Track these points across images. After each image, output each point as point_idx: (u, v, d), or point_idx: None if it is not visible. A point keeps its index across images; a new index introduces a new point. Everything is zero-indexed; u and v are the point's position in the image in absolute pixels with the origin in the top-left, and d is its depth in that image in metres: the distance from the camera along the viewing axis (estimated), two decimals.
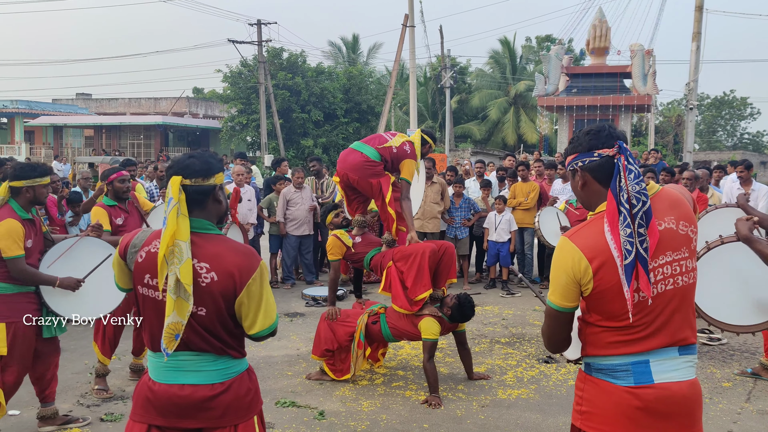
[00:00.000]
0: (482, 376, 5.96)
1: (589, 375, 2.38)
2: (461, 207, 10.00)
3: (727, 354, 6.84)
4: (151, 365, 2.59)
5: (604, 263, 2.24)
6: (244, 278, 2.45)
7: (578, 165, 2.41)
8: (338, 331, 5.80)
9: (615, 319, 2.28)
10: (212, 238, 2.53)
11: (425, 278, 5.48)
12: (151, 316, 2.56)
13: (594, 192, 2.42)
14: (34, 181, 4.45)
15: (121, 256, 2.64)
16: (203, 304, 2.44)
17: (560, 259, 2.31)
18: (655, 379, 2.25)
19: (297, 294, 9.43)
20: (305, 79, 31.52)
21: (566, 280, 2.28)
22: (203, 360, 2.51)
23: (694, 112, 21.94)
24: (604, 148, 2.33)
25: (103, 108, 45.59)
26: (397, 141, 6.02)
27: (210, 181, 2.55)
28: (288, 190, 9.96)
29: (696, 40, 20.61)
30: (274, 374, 6.02)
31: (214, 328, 2.47)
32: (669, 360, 2.28)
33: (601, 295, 2.27)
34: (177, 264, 2.39)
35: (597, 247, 2.26)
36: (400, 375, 6.06)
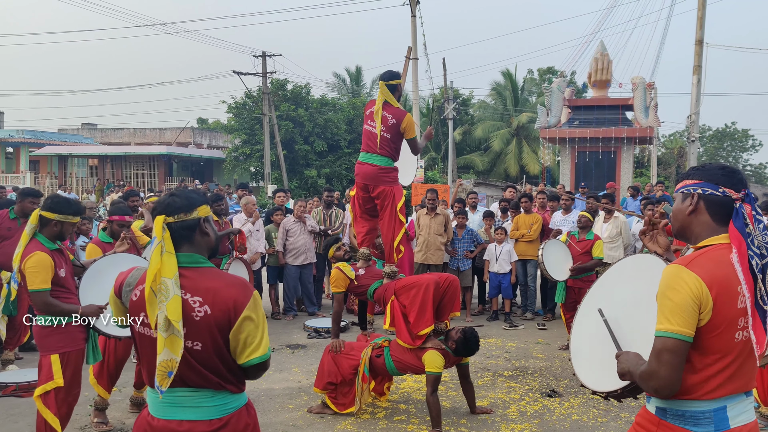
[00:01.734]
0: (485, 411, 5.91)
1: (663, 420, 2.32)
2: (464, 238, 10.00)
3: None
4: (150, 400, 2.59)
5: (721, 295, 2.20)
6: (239, 309, 2.45)
7: (697, 191, 2.38)
8: (342, 364, 5.77)
9: (716, 355, 2.23)
10: (204, 272, 2.55)
11: (428, 313, 5.46)
12: (147, 353, 2.56)
13: (701, 222, 2.39)
14: (65, 217, 4.52)
15: (117, 294, 2.66)
16: (198, 339, 2.45)
17: (680, 285, 2.20)
18: (731, 424, 2.25)
19: (299, 325, 9.39)
20: (309, 110, 31.80)
21: (690, 305, 2.18)
22: (201, 396, 2.51)
23: (696, 144, 22.05)
24: (732, 189, 2.33)
25: (108, 138, 45.93)
26: (379, 120, 6.15)
27: (193, 215, 2.59)
28: (288, 221, 9.98)
29: (697, 73, 20.79)
30: (275, 407, 5.97)
31: (211, 362, 2.47)
32: (740, 404, 2.30)
33: (714, 328, 2.21)
34: (164, 301, 2.41)
35: (715, 277, 2.22)
36: (402, 409, 6.01)
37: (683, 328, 2.18)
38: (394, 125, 6.15)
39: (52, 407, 4.35)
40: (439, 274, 5.95)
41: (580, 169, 24.61)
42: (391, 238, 6.36)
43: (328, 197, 10.74)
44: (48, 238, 4.49)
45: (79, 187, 36.31)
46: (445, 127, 35.93)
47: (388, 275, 6.06)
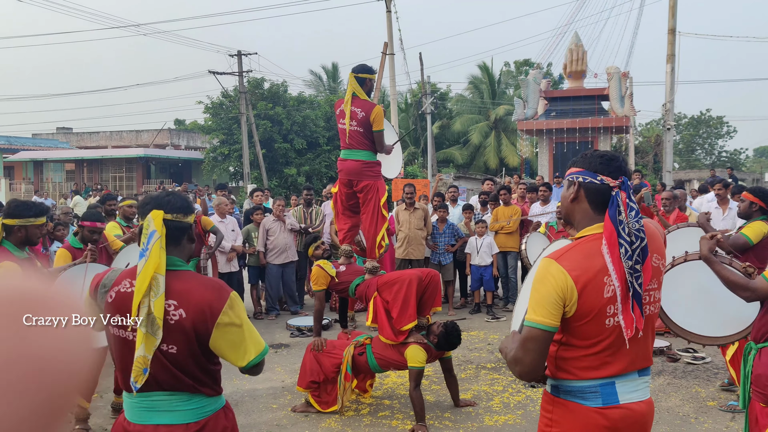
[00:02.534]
0: (468, 403, 5.93)
1: (557, 397, 2.43)
2: (445, 233, 10.03)
3: (711, 372, 6.86)
4: (126, 405, 2.58)
5: (587, 286, 2.29)
6: (216, 312, 2.44)
7: (578, 179, 2.45)
8: (324, 362, 5.76)
9: (588, 342, 2.34)
10: (181, 275, 2.53)
11: (410, 309, 5.46)
12: (122, 356, 2.54)
13: (582, 210, 2.47)
14: (27, 220, 4.35)
15: (92, 295, 2.64)
16: (173, 342, 2.43)
17: (547, 279, 2.31)
18: (620, 399, 2.35)
19: (281, 325, 9.37)
20: (287, 108, 31.64)
21: (555, 298, 2.29)
22: (177, 399, 2.50)
23: (671, 132, 22.27)
24: (609, 177, 2.38)
25: (84, 142, 45.43)
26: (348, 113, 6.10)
27: (188, 219, 2.61)
28: (267, 220, 9.95)
29: (670, 61, 20.99)
30: (258, 407, 5.96)
31: (186, 365, 2.46)
32: (631, 381, 2.38)
33: (581, 317, 2.31)
34: (153, 297, 2.40)
35: (583, 269, 2.31)
36: (386, 404, 6.02)
37: (546, 319, 2.29)
38: (363, 118, 6.08)
39: None
40: (422, 270, 5.95)
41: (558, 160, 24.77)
42: (374, 233, 6.33)
43: (307, 195, 10.72)
44: (16, 246, 4.35)
45: (56, 192, 35.87)
46: (424, 122, 35.99)
47: (369, 271, 6.04)
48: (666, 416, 5.56)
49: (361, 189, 6.28)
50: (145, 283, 2.41)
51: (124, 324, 2.48)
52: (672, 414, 5.62)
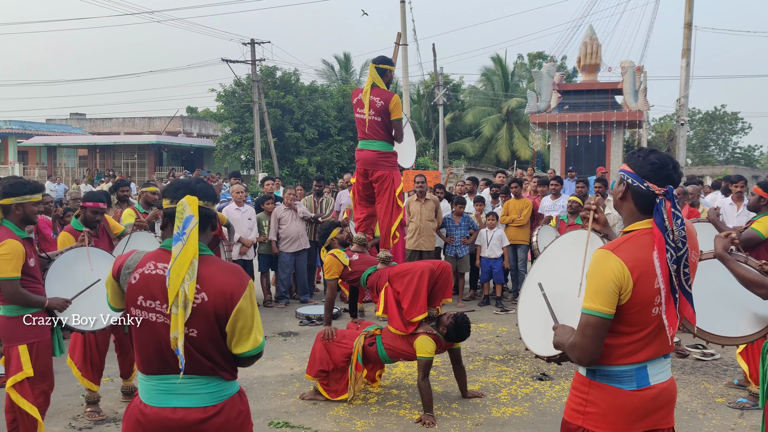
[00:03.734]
0: (476, 395, 5.95)
1: (594, 380, 2.59)
2: (461, 225, 10.02)
3: (720, 369, 6.85)
4: (142, 388, 2.58)
5: (641, 276, 2.46)
6: (236, 297, 2.48)
7: (627, 180, 2.61)
8: (334, 351, 5.79)
9: (635, 328, 2.50)
10: (204, 259, 2.55)
11: (421, 300, 5.47)
12: (144, 338, 2.55)
13: (627, 208, 2.64)
14: (23, 197, 4.29)
15: (114, 277, 2.65)
16: (194, 326, 2.46)
17: (605, 269, 2.46)
18: (650, 381, 2.55)
19: (291, 313, 9.41)
20: (298, 97, 31.63)
21: (612, 287, 2.44)
22: (195, 383, 2.52)
23: (685, 127, 22.11)
24: (655, 184, 2.53)
25: (97, 128, 45.59)
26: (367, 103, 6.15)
27: (215, 207, 2.68)
28: (279, 209, 9.98)
29: (686, 56, 20.81)
30: (267, 394, 6.00)
31: (205, 348, 2.49)
32: (659, 364, 2.59)
33: (633, 305, 2.47)
34: (188, 281, 2.44)
35: (637, 261, 2.47)
36: (395, 394, 6.05)
37: (604, 307, 2.45)
38: (382, 107, 6.14)
39: (28, 396, 4.28)
40: (434, 262, 5.95)
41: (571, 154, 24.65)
42: (388, 223, 6.36)
43: (318, 186, 10.76)
44: (16, 225, 4.31)
45: (69, 178, 36.07)
46: (436, 114, 35.90)
47: (382, 260, 6.06)
48: (675, 411, 5.54)
49: (376, 179, 6.31)
50: (184, 268, 2.44)
51: (153, 307, 2.51)
52: (680, 410, 5.60)
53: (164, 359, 2.52)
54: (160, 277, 2.51)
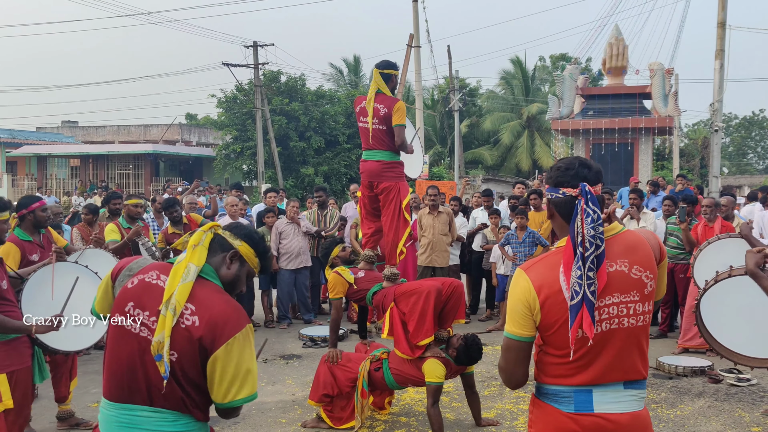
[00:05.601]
0: (491, 422, 5.91)
1: (537, 399, 2.63)
2: (525, 241, 9.56)
3: (757, 395, 6.78)
4: (102, 418, 2.50)
5: (549, 297, 2.46)
6: (228, 333, 2.37)
7: (548, 195, 2.64)
8: (339, 375, 5.78)
9: (559, 350, 2.50)
10: (207, 284, 2.52)
11: (428, 323, 5.43)
12: (117, 353, 2.48)
13: (558, 225, 2.66)
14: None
15: (113, 277, 2.65)
16: (176, 348, 2.36)
17: (515, 290, 2.53)
18: (595, 408, 2.49)
19: (293, 334, 9.41)
20: (304, 103, 31.78)
21: (522, 309, 2.49)
22: (162, 418, 2.42)
23: (719, 134, 22.00)
24: (569, 187, 2.54)
25: (90, 136, 45.99)
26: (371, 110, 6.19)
27: (235, 242, 2.63)
28: (280, 223, 10.00)
29: (719, 57, 20.75)
30: (267, 422, 6.00)
31: (182, 376, 2.39)
32: (612, 392, 2.51)
33: (547, 327, 2.49)
34: (182, 281, 2.43)
35: (545, 281, 2.49)
36: (403, 422, 6.03)
37: (516, 329, 2.51)
38: (386, 114, 6.14)
39: (3, 430, 4.23)
40: (443, 280, 5.91)
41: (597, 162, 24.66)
42: (394, 237, 6.34)
43: (320, 197, 10.77)
44: None
45: (60, 189, 36.41)
46: (451, 120, 35.95)
47: (387, 278, 6.04)
48: None
49: (381, 191, 6.31)
50: (181, 269, 2.46)
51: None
52: None
53: (135, 384, 2.42)
54: (159, 288, 2.46)
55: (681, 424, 5.94)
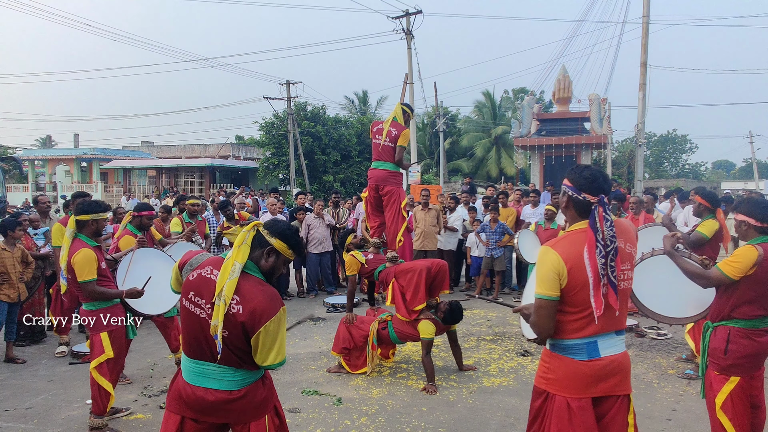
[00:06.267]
0: (470, 368, 5.94)
1: (553, 352, 2.61)
2: (496, 231, 9.62)
3: (672, 346, 6.79)
4: (184, 368, 2.57)
5: (574, 266, 2.49)
6: (264, 319, 2.39)
7: (568, 192, 2.65)
8: (354, 333, 5.80)
9: (577, 308, 2.51)
10: (250, 278, 2.50)
11: (421, 293, 5.48)
12: (187, 326, 2.54)
13: (569, 214, 2.68)
14: (98, 215, 4.38)
15: (180, 267, 2.66)
16: (227, 328, 2.42)
17: (546, 261, 2.52)
18: (601, 354, 2.53)
19: (319, 302, 9.42)
20: (325, 127, 31.78)
21: (552, 275, 2.50)
22: (225, 371, 2.49)
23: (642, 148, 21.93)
24: (589, 194, 2.56)
25: (163, 153, 45.98)
26: (386, 129, 6.29)
27: (271, 239, 2.56)
28: (309, 217, 10.03)
29: (642, 89, 20.66)
30: (300, 368, 6.03)
31: (234, 347, 2.45)
32: (610, 339, 2.56)
33: (571, 289, 2.50)
34: (229, 278, 2.41)
35: (571, 254, 2.51)
36: (404, 368, 6.05)
37: (548, 291, 2.50)
38: (395, 136, 6.28)
39: (106, 375, 4.31)
40: (432, 261, 5.91)
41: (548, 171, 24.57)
42: (395, 230, 6.42)
43: (336, 198, 10.96)
44: (88, 237, 4.36)
45: (140, 194, 36.41)
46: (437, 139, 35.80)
47: (389, 260, 6.08)
48: (633, 382, 5.46)
49: (385, 193, 6.35)
50: (228, 268, 2.43)
51: (199, 303, 2.49)
52: (638, 380, 5.57)
53: (201, 347, 2.50)
54: (212, 282, 2.47)
55: None
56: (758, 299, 3.51)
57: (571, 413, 2.51)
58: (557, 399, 2.56)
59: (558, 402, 2.55)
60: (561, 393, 2.55)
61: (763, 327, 3.56)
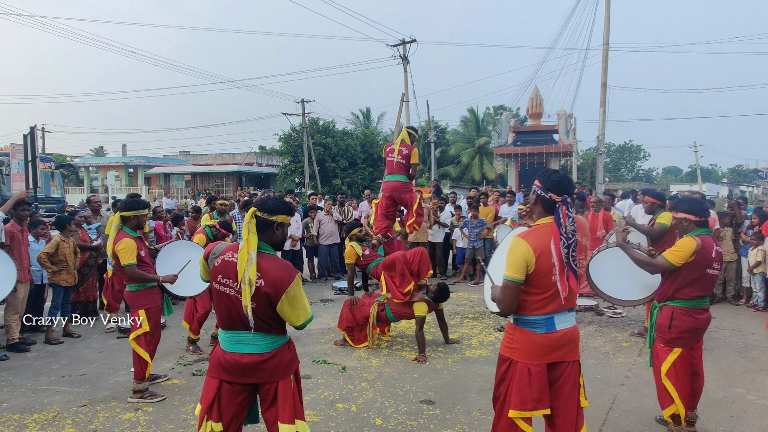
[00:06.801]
0: (455, 341, 5.93)
1: (517, 326, 2.64)
2: (476, 225, 9.65)
3: (625, 323, 6.79)
4: (221, 338, 2.59)
5: (541, 255, 2.51)
6: (284, 286, 2.40)
7: (537, 191, 2.64)
8: (356, 313, 5.79)
9: (540, 290, 2.54)
10: (265, 256, 2.49)
11: (406, 277, 5.52)
12: (220, 304, 2.54)
13: (537, 210, 2.67)
14: (138, 212, 4.38)
15: (205, 258, 2.65)
16: (254, 300, 2.43)
17: (517, 250, 2.53)
18: (557, 327, 2.57)
19: (328, 286, 9.43)
20: (335, 138, 31.75)
21: (521, 261, 2.50)
22: (257, 337, 2.49)
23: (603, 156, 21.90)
24: (555, 194, 2.57)
25: (197, 160, 45.90)
26: (397, 149, 6.44)
27: (272, 218, 2.52)
28: (320, 214, 10.04)
29: (602, 106, 20.59)
30: (312, 341, 6.03)
31: (262, 315, 2.45)
32: (563, 315, 2.59)
33: (536, 273, 2.51)
34: (249, 266, 2.40)
35: (539, 244, 2.53)
36: (399, 341, 6.05)
37: (515, 275, 2.52)
38: (406, 155, 6.44)
39: (143, 346, 4.31)
40: (410, 250, 5.88)
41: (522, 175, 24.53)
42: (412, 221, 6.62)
43: (341, 198, 10.95)
44: (131, 229, 4.37)
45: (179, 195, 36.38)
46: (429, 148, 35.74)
47: (374, 245, 6.27)
48: (592, 353, 5.52)
49: (403, 199, 6.57)
50: (244, 258, 2.42)
51: (227, 283, 2.49)
52: (597, 351, 5.57)
53: (234, 320, 2.50)
54: (234, 263, 2.48)
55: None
56: (697, 282, 3.51)
57: (530, 376, 2.56)
58: (519, 365, 2.60)
59: (520, 367, 2.59)
60: (522, 360, 2.59)
61: (702, 306, 3.57)
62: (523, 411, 2.56)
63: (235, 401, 2.53)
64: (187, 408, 4.15)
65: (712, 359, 5.25)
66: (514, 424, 2.60)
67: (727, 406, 4.16)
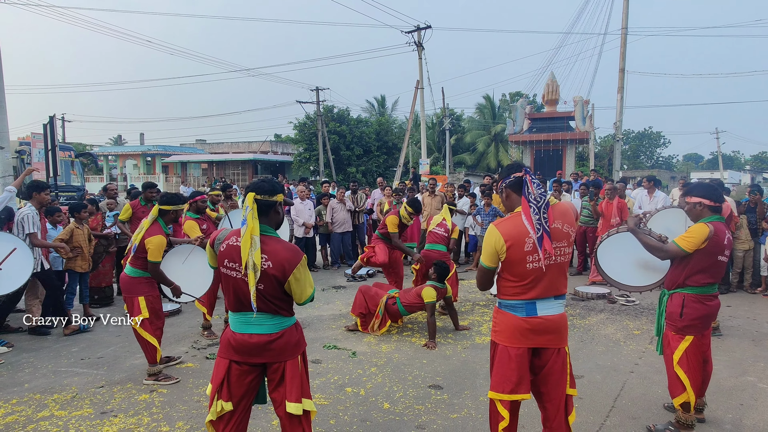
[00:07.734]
0: (465, 328, 5.95)
1: (500, 309, 2.71)
2: (489, 213, 9.62)
3: (638, 311, 6.73)
4: (230, 321, 2.63)
5: (513, 244, 2.55)
6: (291, 267, 2.46)
7: (503, 186, 2.73)
8: (368, 300, 5.83)
9: (516, 278, 2.60)
10: (270, 239, 2.53)
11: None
12: (228, 287, 2.58)
13: (512, 200, 2.72)
14: (178, 206, 4.44)
15: (211, 245, 2.69)
16: (262, 282, 2.47)
17: (490, 239, 2.61)
18: (538, 313, 2.60)
19: (341, 273, 9.49)
20: (349, 126, 31.70)
21: (492, 251, 2.61)
22: (265, 317, 2.53)
23: (620, 143, 21.55)
24: (516, 173, 2.68)
25: (213, 149, 46.24)
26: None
27: (273, 198, 2.57)
28: (333, 202, 10.07)
29: (620, 92, 20.25)
30: (323, 327, 6.10)
31: (270, 297, 2.50)
32: (547, 302, 2.62)
33: (509, 263, 2.58)
34: (252, 250, 2.43)
35: (511, 233, 2.57)
36: (409, 327, 6.09)
37: (487, 262, 2.63)
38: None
39: (148, 330, 4.36)
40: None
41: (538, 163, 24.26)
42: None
43: (354, 186, 10.92)
44: (166, 223, 4.40)
45: (195, 183, 36.78)
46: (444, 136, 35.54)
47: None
48: (603, 340, 5.50)
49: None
50: (247, 243, 2.45)
51: (234, 267, 2.52)
52: (607, 339, 5.55)
53: (241, 302, 2.55)
54: (238, 248, 2.52)
55: (588, 329, 5.92)
56: (708, 269, 3.47)
57: (509, 358, 2.62)
58: (500, 347, 2.68)
59: (500, 349, 2.67)
60: (503, 342, 2.66)
61: (712, 293, 3.53)
62: (501, 393, 2.62)
63: (244, 381, 2.58)
64: (201, 390, 4.25)
65: (725, 347, 5.19)
66: (495, 406, 2.66)
67: (738, 394, 4.12)
